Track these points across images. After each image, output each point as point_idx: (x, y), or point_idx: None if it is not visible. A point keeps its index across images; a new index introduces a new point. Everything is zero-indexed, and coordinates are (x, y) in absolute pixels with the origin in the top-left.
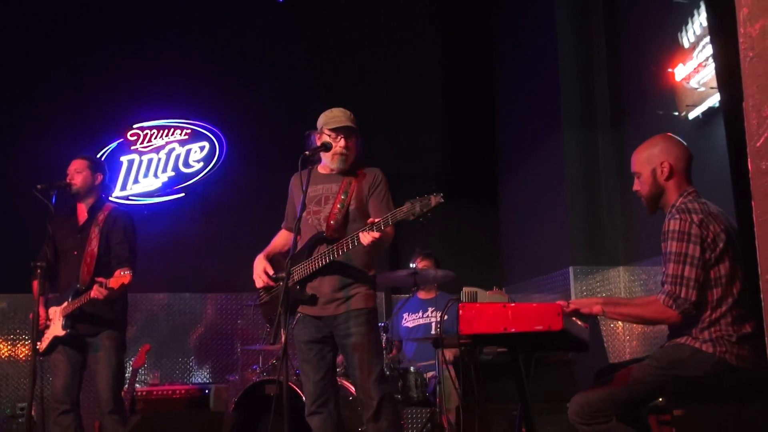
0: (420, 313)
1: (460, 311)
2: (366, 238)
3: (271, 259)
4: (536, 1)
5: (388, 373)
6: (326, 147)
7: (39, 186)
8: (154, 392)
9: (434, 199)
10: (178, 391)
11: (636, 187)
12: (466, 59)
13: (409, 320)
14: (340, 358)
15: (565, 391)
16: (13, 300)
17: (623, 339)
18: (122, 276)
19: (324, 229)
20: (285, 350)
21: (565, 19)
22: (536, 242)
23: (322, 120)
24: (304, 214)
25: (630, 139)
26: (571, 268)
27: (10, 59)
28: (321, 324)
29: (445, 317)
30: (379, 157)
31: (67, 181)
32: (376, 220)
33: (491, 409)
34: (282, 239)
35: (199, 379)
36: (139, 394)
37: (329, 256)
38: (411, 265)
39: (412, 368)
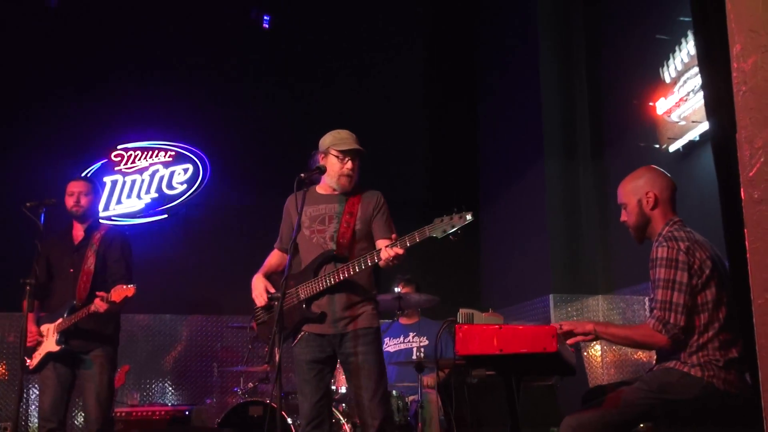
0: (401, 338)
1: (457, 332)
2: (388, 253)
3: (268, 278)
4: (520, 31)
5: None
6: (321, 170)
7: (28, 204)
8: (134, 413)
9: (463, 217)
10: (158, 412)
11: (623, 217)
12: (449, 86)
13: (391, 345)
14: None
15: (548, 415)
16: None
17: (601, 365)
18: (126, 289)
19: (334, 247)
20: (279, 369)
21: (548, 50)
22: (517, 269)
23: (328, 140)
24: (308, 233)
25: (611, 170)
26: (551, 296)
27: None
28: (325, 343)
29: (426, 342)
30: (360, 182)
31: (73, 202)
32: (402, 237)
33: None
34: (276, 259)
35: (177, 401)
36: (118, 414)
37: (340, 275)
38: (396, 289)
39: (394, 392)
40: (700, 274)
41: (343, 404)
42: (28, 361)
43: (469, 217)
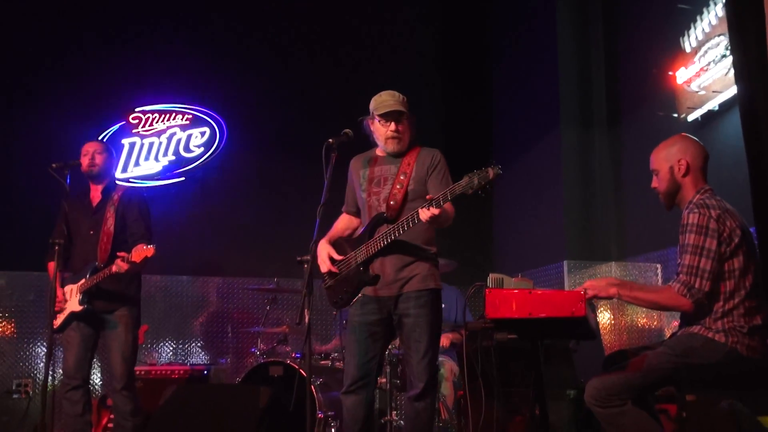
0: None
1: (488, 296)
2: (425, 214)
3: (334, 243)
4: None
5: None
6: (347, 135)
7: (54, 165)
8: (153, 372)
9: (492, 171)
10: (177, 371)
11: (654, 184)
12: (463, 55)
13: None
14: None
15: (565, 378)
16: (11, 278)
17: (612, 330)
18: (145, 249)
19: (384, 209)
20: (309, 332)
21: (565, 17)
22: (531, 236)
23: (372, 105)
24: (365, 195)
25: (627, 139)
26: (565, 262)
27: (14, 42)
28: (380, 305)
29: (443, 306)
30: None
31: (88, 161)
32: (435, 196)
33: (498, 393)
34: (343, 223)
35: (193, 361)
36: (138, 373)
37: (390, 236)
38: None
39: None
40: (729, 242)
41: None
42: (54, 321)
43: (498, 170)
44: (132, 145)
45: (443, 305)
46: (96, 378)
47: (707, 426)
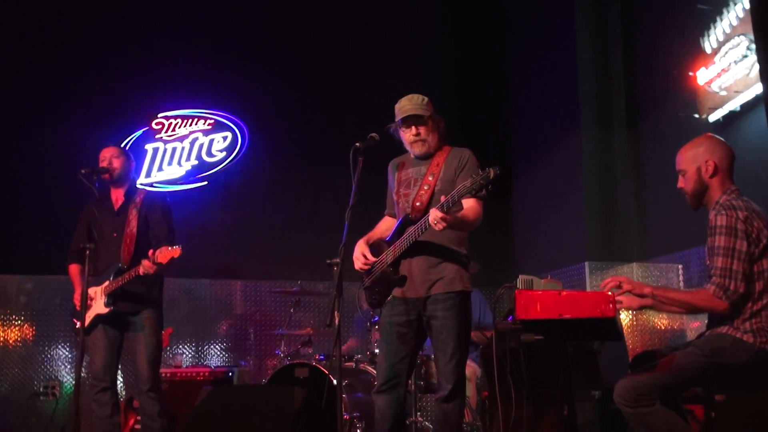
0: None
1: (518, 298)
2: (432, 215)
3: (373, 244)
4: None
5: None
6: (374, 139)
7: (83, 171)
8: (178, 374)
9: (492, 172)
10: (201, 373)
11: (680, 184)
12: (482, 55)
13: None
14: None
15: (590, 379)
16: (38, 282)
17: (637, 332)
18: (171, 250)
19: (410, 210)
20: (338, 332)
21: (584, 18)
22: (551, 237)
23: (395, 112)
24: (396, 197)
25: (647, 139)
26: (586, 263)
27: (38, 48)
28: (409, 307)
29: None
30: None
31: (104, 167)
32: (442, 201)
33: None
34: (384, 225)
35: (215, 363)
36: (163, 375)
37: (413, 237)
38: None
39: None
40: (757, 243)
41: None
42: (78, 323)
43: (497, 171)
44: (155, 151)
45: None
46: (120, 380)
47: (736, 425)
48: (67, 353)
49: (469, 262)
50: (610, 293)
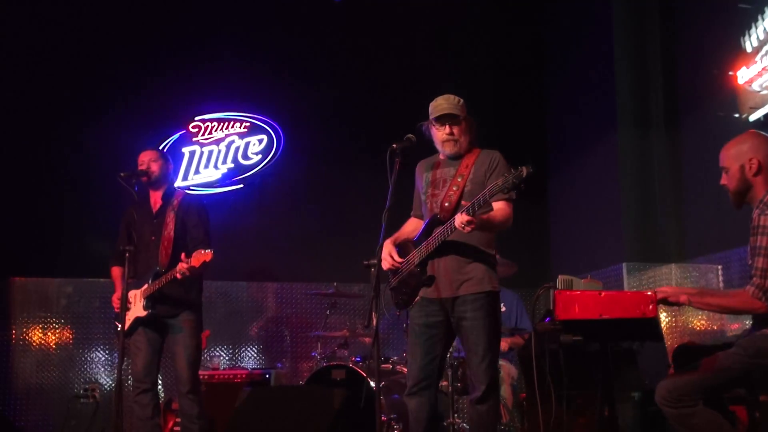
0: None
1: (558, 298)
2: (458, 219)
3: (401, 244)
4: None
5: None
6: (410, 140)
7: (122, 174)
8: (216, 376)
9: (525, 170)
10: (239, 375)
11: (723, 181)
12: (517, 56)
13: None
14: None
15: (629, 380)
16: (78, 285)
17: (676, 332)
18: (204, 254)
19: (438, 211)
20: (377, 333)
21: (622, 18)
22: (588, 238)
23: (430, 109)
24: (424, 198)
25: (685, 139)
26: (624, 264)
27: (79, 53)
28: (437, 308)
29: (503, 309)
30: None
31: (143, 170)
32: (470, 202)
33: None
34: (411, 226)
35: (251, 365)
36: (201, 377)
37: (441, 237)
38: None
39: None
40: None
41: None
42: (119, 326)
43: (530, 169)
44: (192, 154)
45: (503, 309)
46: (160, 382)
47: None
48: (106, 356)
49: (496, 263)
50: (650, 293)
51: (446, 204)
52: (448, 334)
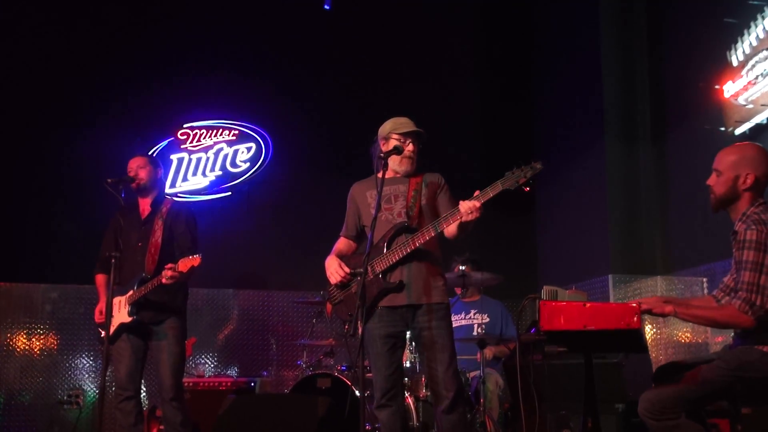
0: (462, 315)
1: (542, 308)
2: (466, 205)
3: (343, 258)
4: (580, 11)
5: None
6: (398, 150)
7: (109, 180)
8: (201, 383)
9: (536, 166)
10: (224, 383)
11: (711, 182)
12: (505, 67)
13: (453, 321)
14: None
15: (613, 392)
16: (63, 291)
17: (661, 346)
18: (192, 259)
19: (406, 219)
20: (362, 342)
21: (609, 31)
22: (575, 249)
23: (389, 126)
24: (375, 213)
25: (671, 152)
26: (610, 276)
27: (68, 60)
28: (397, 317)
29: (487, 320)
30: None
31: (131, 176)
32: (481, 192)
33: (549, 406)
34: (343, 246)
35: (235, 373)
36: (186, 384)
37: (415, 242)
38: (460, 268)
39: None
40: None
41: (406, 378)
42: (103, 333)
43: (539, 166)
44: (180, 161)
45: (488, 319)
46: (144, 389)
47: None
48: (90, 362)
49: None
50: (634, 305)
51: (412, 213)
52: (404, 344)
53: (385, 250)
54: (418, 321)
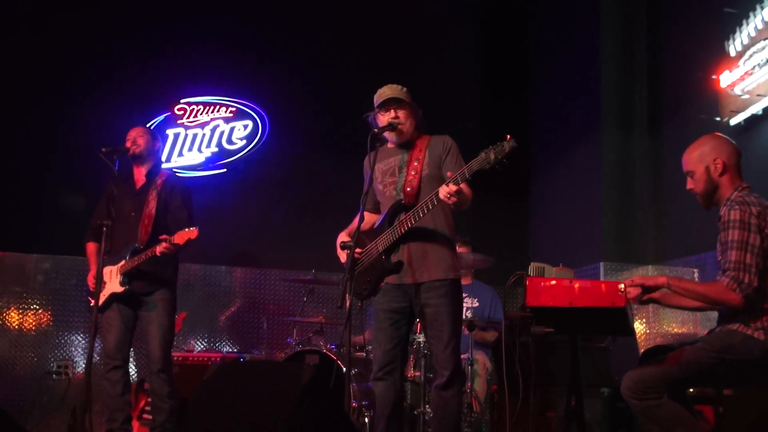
0: None
1: (528, 284)
2: (443, 191)
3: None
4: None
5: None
6: (392, 126)
7: (104, 149)
8: (190, 358)
9: (507, 145)
10: (213, 358)
11: (690, 185)
12: (503, 54)
13: None
14: None
15: (600, 376)
16: (56, 261)
17: (651, 338)
18: (189, 232)
19: (401, 196)
20: (349, 315)
21: (608, 20)
22: (567, 236)
23: (374, 100)
24: (381, 187)
25: (667, 141)
26: (601, 264)
27: (64, 34)
28: (401, 293)
29: (477, 304)
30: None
31: (128, 146)
32: (454, 174)
33: (534, 387)
34: (358, 220)
35: (227, 349)
36: (175, 359)
37: (408, 222)
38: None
39: None
40: None
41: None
42: (92, 301)
43: (513, 144)
44: (176, 136)
45: (477, 303)
46: (133, 362)
47: (744, 420)
48: (81, 333)
49: (456, 250)
50: (631, 282)
51: (408, 189)
52: (410, 320)
53: (387, 227)
54: (420, 297)
